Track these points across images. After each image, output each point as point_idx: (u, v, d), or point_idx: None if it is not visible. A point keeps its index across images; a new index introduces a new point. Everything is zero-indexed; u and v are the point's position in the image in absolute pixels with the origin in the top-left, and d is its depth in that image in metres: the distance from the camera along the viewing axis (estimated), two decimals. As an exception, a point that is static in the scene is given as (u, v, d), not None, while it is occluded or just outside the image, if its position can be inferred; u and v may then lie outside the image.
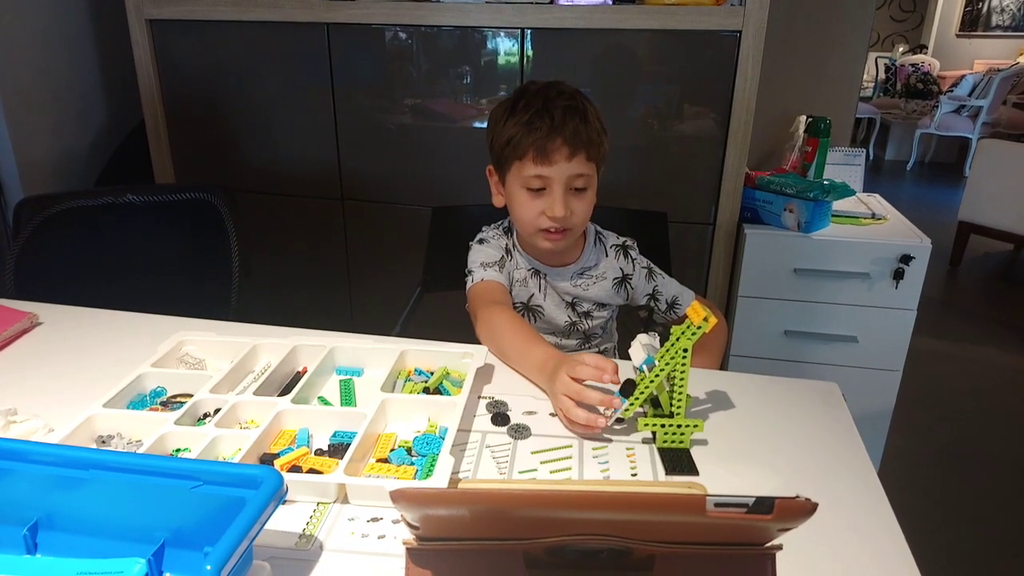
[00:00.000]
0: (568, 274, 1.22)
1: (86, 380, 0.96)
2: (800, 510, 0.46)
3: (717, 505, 0.46)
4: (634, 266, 1.26)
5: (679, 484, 0.78)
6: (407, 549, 0.55)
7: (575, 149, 1.07)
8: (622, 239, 1.28)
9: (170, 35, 1.97)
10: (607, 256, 1.25)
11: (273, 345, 1.00)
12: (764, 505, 0.46)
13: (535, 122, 1.07)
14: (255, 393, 0.88)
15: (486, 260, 1.19)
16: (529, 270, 1.22)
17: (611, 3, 1.72)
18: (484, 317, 1.10)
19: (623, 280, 1.25)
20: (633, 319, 1.37)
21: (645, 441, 0.86)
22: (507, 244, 1.23)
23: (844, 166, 2.08)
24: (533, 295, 1.22)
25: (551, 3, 1.74)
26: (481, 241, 1.24)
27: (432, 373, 0.98)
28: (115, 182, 2.20)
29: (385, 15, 1.82)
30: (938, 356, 2.90)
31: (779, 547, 0.53)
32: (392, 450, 0.81)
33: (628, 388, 0.85)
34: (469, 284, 1.19)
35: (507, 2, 1.75)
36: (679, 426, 0.84)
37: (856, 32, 2.12)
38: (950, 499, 2.02)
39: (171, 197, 1.52)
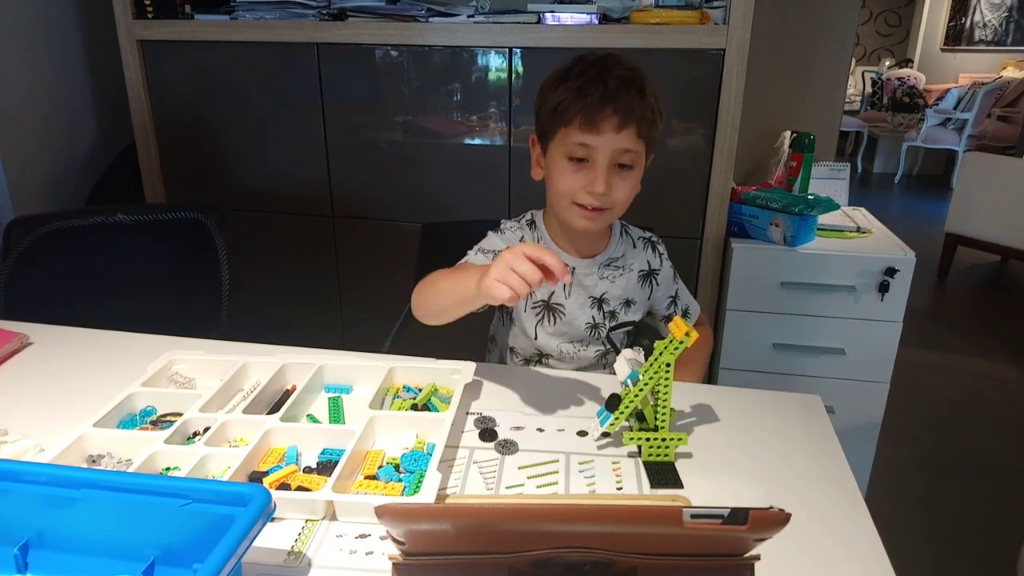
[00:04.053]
0: (595, 265, 1.17)
1: (76, 400, 0.97)
2: (774, 520, 0.48)
3: (694, 516, 0.48)
4: (661, 261, 1.23)
5: (663, 498, 0.79)
6: (393, 564, 0.56)
7: (626, 121, 1.00)
8: (648, 233, 1.24)
9: (161, 56, 1.99)
10: (634, 248, 1.21)
11: (262, 363, 1.01)
12: (739, 516, 0.47)
13: (587, 88, 1.00)
14: (244, 411, 0.89)
15: (485, 246, 1.12)
16: None
17: (597, 23, 1.75)
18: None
19: (649, 274, 1.21)
20: (618, 335, 1.38)
21: (631, 455, 0.87)
22: (524, 237, 1.16)
23: (829, 180, 2.11)
24: (555, 291, 1.16)
25: (538, 23, 1.76)
26: (498, 232, 1.16)
27: (420, 390, 0.99)
28: (105, 202, 2.20)
29: (374, 35, 1.84)
30: (926, 367, 2.92)
31: (757, 557, 0.54)
32: (380, 467, 0.82)
33: (613, 402, 0.86)
34: None
35: (495, 22, 1.78)
36: (664, 440, 0.85)
37: (839, 49, 2.16)
38: (938, 508, 2.03)
39: (161, 216, 1.53)
